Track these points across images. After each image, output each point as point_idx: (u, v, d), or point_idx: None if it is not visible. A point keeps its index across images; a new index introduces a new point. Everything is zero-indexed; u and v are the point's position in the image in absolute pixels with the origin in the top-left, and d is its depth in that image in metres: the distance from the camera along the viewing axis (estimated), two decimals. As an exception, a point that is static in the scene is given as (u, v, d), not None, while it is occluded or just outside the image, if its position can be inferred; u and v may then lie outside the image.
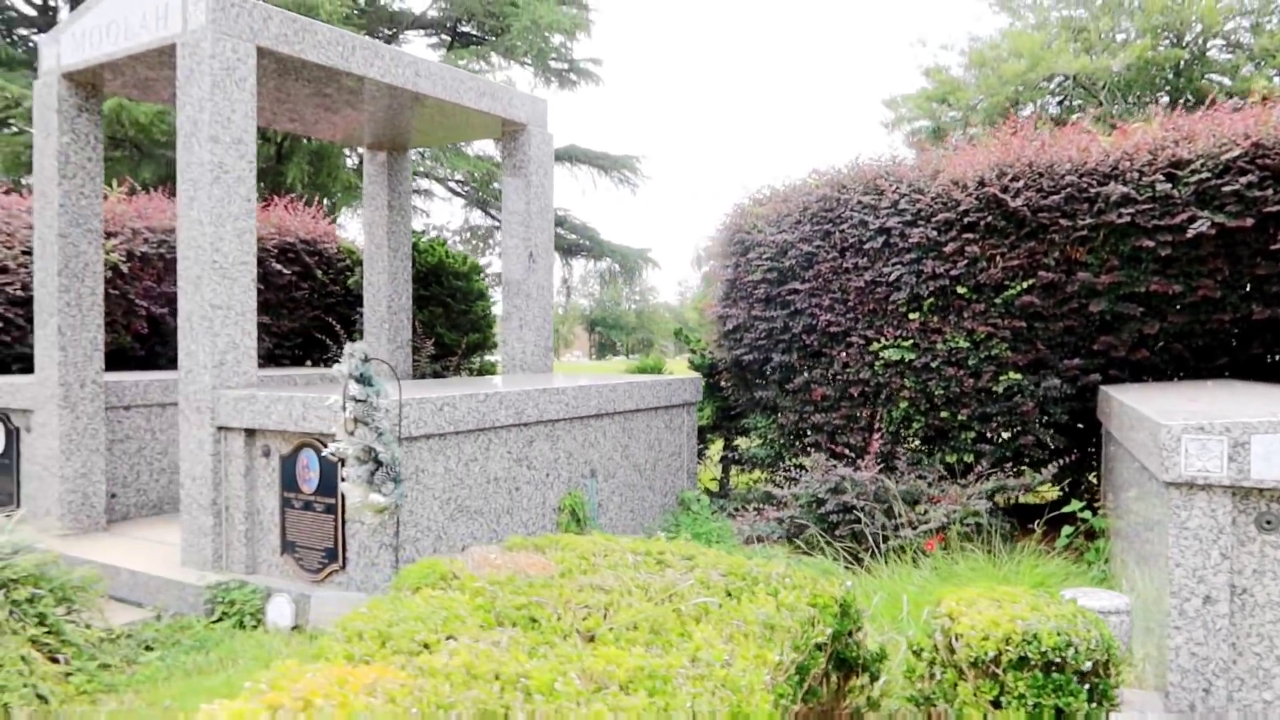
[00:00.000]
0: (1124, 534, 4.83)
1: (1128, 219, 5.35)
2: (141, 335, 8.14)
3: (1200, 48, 22.25)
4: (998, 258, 5.78)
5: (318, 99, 6.56)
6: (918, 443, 6.26)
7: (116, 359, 7.95)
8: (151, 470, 6.81)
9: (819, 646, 3.17)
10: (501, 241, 7.68)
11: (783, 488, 6.10)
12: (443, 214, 46.25)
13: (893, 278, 6.01)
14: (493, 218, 23.27)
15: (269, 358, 9.15)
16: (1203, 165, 5.23)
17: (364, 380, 4.26)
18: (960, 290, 5.90)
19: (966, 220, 5.83)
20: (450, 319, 8.79)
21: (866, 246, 6.14)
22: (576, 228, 22.80)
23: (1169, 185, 5.29)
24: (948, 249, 5.86)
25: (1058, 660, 2.75)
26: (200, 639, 4.63)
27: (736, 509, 6.97)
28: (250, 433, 5.18)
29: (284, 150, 15.72)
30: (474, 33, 20.85)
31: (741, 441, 8.08)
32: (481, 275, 8.94)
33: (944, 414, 6.12)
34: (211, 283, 5.19)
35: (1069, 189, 5.51)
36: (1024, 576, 4.88)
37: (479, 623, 3.19)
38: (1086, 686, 2.75)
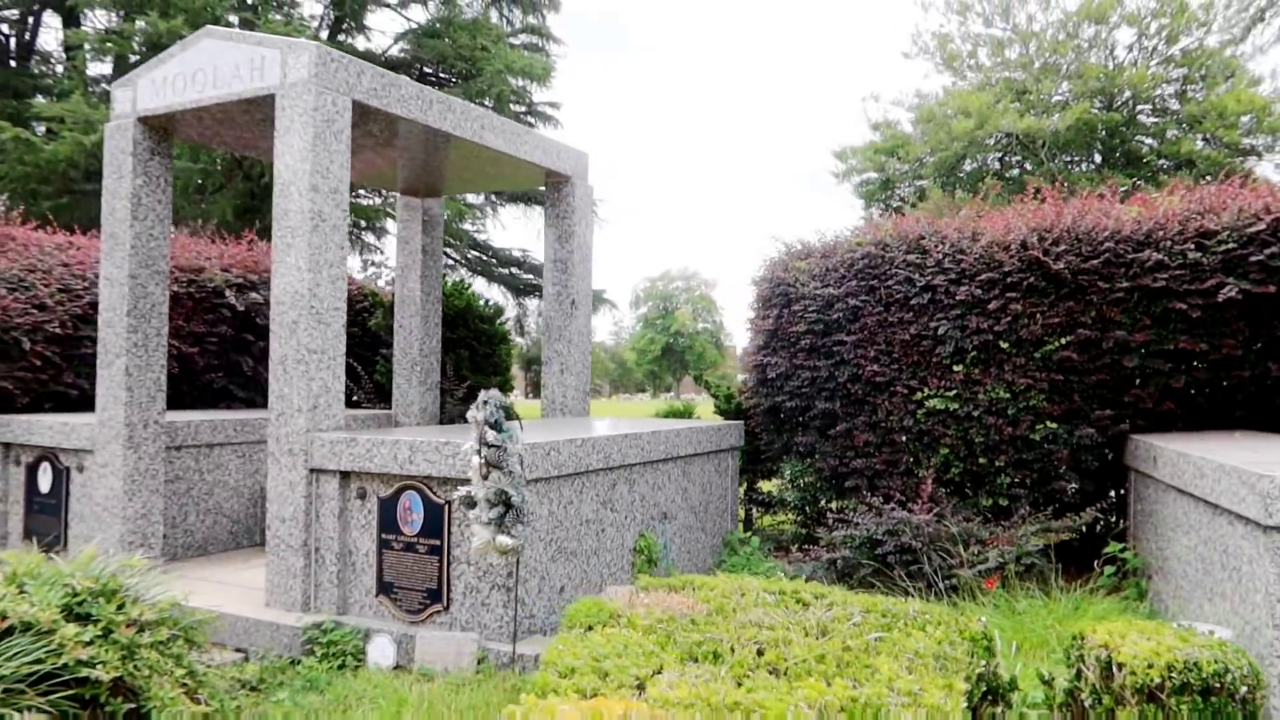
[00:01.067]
0: (1173, 572, 5.25)
1: (1162, 283, 5.85)
2: (171, 375, 8.09)
3: (1131, 112, 23.67)
4: (1038, 315, 6.24)
5: (383, 147, 6.73)
6: (954, 487, 6.64)
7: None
8: (198, 511, 6.79)
9: (980, 676, 3.46)
10: (543, 288, 7.90)
11: (833, 529, 6.40)
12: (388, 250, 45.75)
13: (940, 332, 6.42)
14: (447, 256, 23.21)
15: None
16: (1229, 236, 5.77)
17: (497, 426, 4.44)
18: (1003, 345, 6.33)
19: (1009, 280, 6.28)
20: (475, 362, 8.94)
21: (913, 302, 6.55)
22: (534, 268, 22.94)
23: (1199, 254, 5.82)
24: (991, 306, 6.30)
25: (1216, 685, 3.09)
26: (308, 679, 4.70)
27: (772, 549, 7.25)
28: (345, 475, 5.28)
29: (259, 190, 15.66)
30: (436, 75, 21.04)
31: (763, 484, 8.38)
32: (504, 320, 9.11)
33: (982, 460, 6.52)
34: (308, 327, 5.30)
35: (1107, 254, 6.00)
36: (1084, 613, 5.26)
37: (674, 657, 3.40)
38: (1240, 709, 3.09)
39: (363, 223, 19.20)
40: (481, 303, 9.00)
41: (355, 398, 9.15)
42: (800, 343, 7.00)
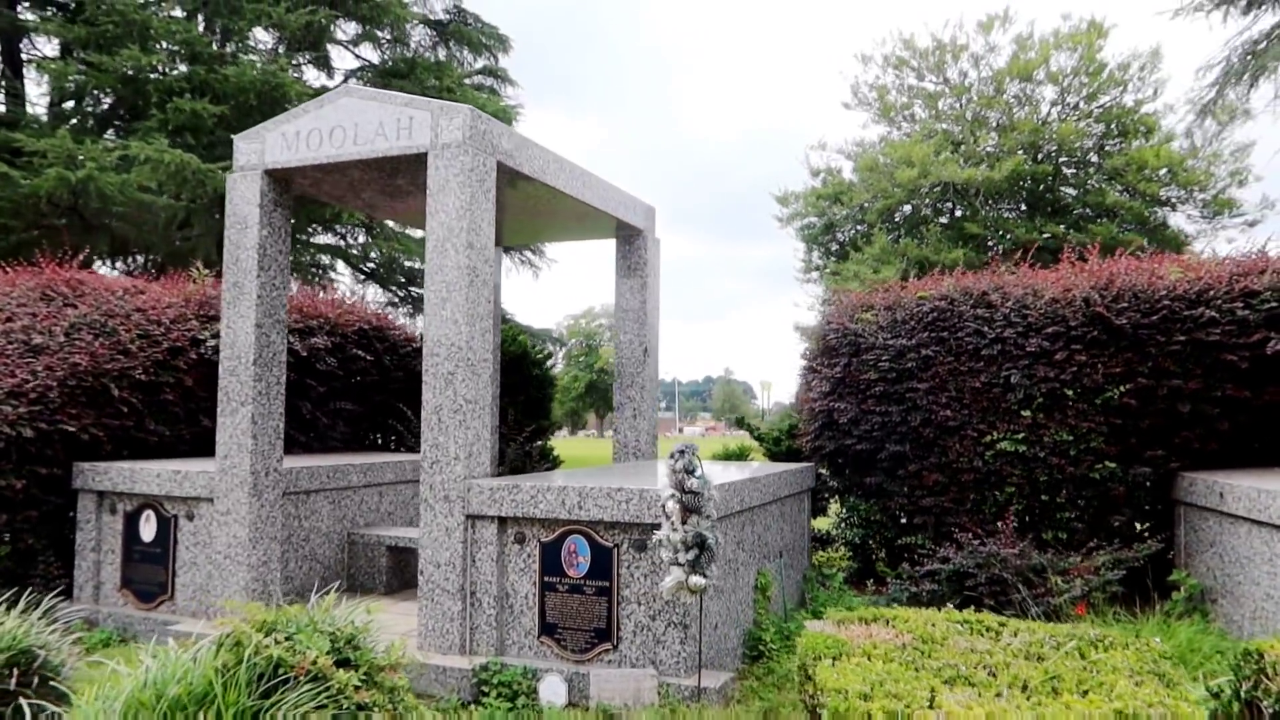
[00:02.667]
0: (1248, 595, 5.88)
1: (1215, 337, 6.57)
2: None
3: (1057, 164, 25.31)
4: (1099, 365, 6.89)
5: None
6: (1017, 523, 7.21)
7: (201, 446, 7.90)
8: (297, 557, 6.85)
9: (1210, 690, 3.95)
10: (615, 337, 8.22)
11: (916, 564, 6.88)
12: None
13: (1011, 380, 7.01)
14: (392, 292, 22.69)
15: (353, 440, 9.23)
16: (1271, 296, 6.54)
17: (693, 472, 4.77)
18: (1067, 392, 6.96)
19: (1073, 333, 6.93)
20: (528, 407, 9.17)
21: (984, 352, 7.13)
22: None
23: (1246, 311, 6.56)
24: (1058, 357, 6.93)
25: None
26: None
27: (843, 584, 7.68)
28: (502, 520, 5.50)
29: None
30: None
31: (816, 522, 8.84)
32: (551, 365, 9.38)
33: (1044, 497, 7.12)
34: (465, 378, 5.54)
35: (1164, 310, 6.70)
36: (1175, 634, 5.84)
37: (929, 682, 3.78)
38: None
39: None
40: (535, 350, 9.25)
41: (409, 443, 9.27)
42: (873, 389, 7.50)
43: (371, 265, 19.41)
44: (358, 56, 20.98)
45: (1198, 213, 24.78)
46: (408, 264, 19.82)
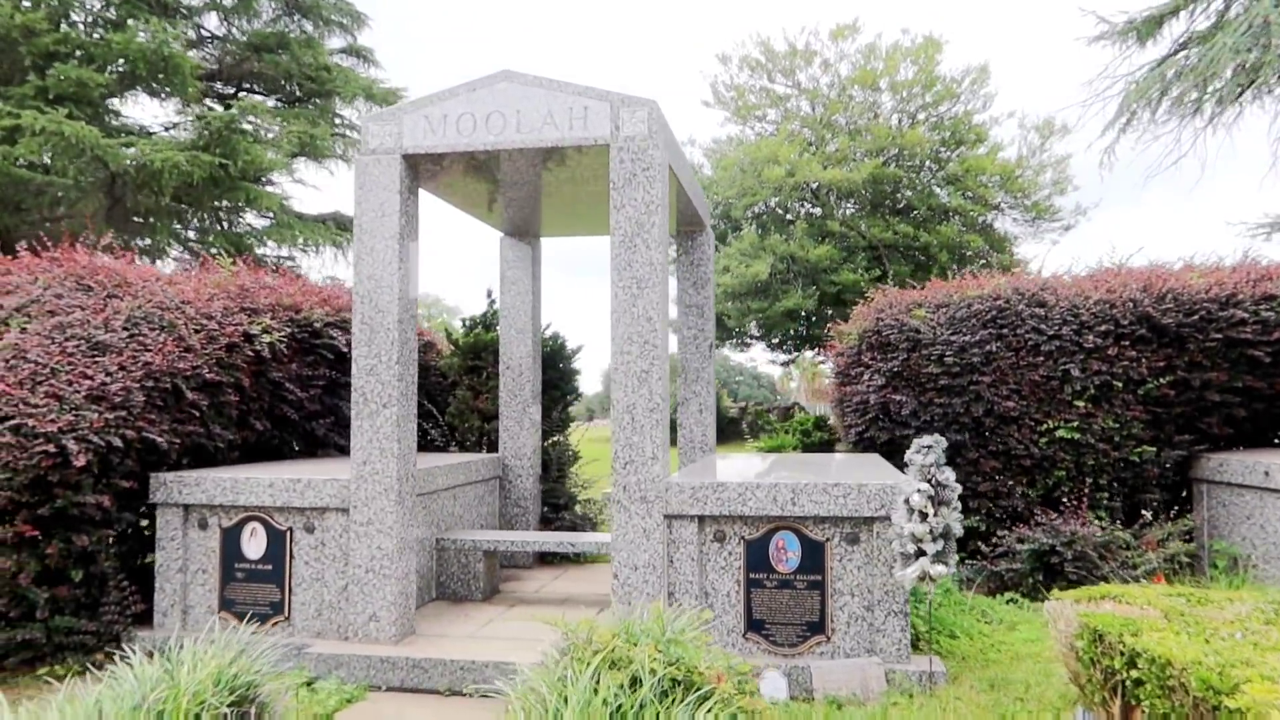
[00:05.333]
0: (1268, 558, 6.77)
1: (1246, 335, 7.48)
2: (288, 421, 7.45)
3: (905, 168, 27.17)
4: (1144, 360, 7.65)
5: (578, 196, 6.88)
6: (1059, 504, 7.89)
7: (251, 451, 7.26)
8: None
9: None
10: (679, 332, 8.21)
11: (994, 544, 7.39)
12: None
13: (1073, 373, 7.64)
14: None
15: None
16: (1289, 299, 7.52)
17: (940, 465, 4.95)
18: (1116, 384, 7.68)
19: (1121, 330, 7.65)
20: (561, 401, 8.98)
21: (1043, 348, 7.73)
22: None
23: (1270, 312, 7.50)
24: (1110, 352, 7.64)
25: None
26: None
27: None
28: (701, 519, 5.46)
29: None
30: (285, 92, 19.74)
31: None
32: (575, 360, 9.22)
33: (1089, 479, 7.82)
34: (660, 375, 5.45)
35: (1202, 311, 7.54)
36: (1251, 595, 6.63)
37: (1254, 647, 4.17)
38: None
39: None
40: (563, 346, 9.07)
41: (438, 443, 8.84)
42: (935, 382, 7.94)
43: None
44: (201, 29, 19.24)
45: (1022, 216, 27.40)
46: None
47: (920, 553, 4.96)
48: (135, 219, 15.01)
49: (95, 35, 14.10)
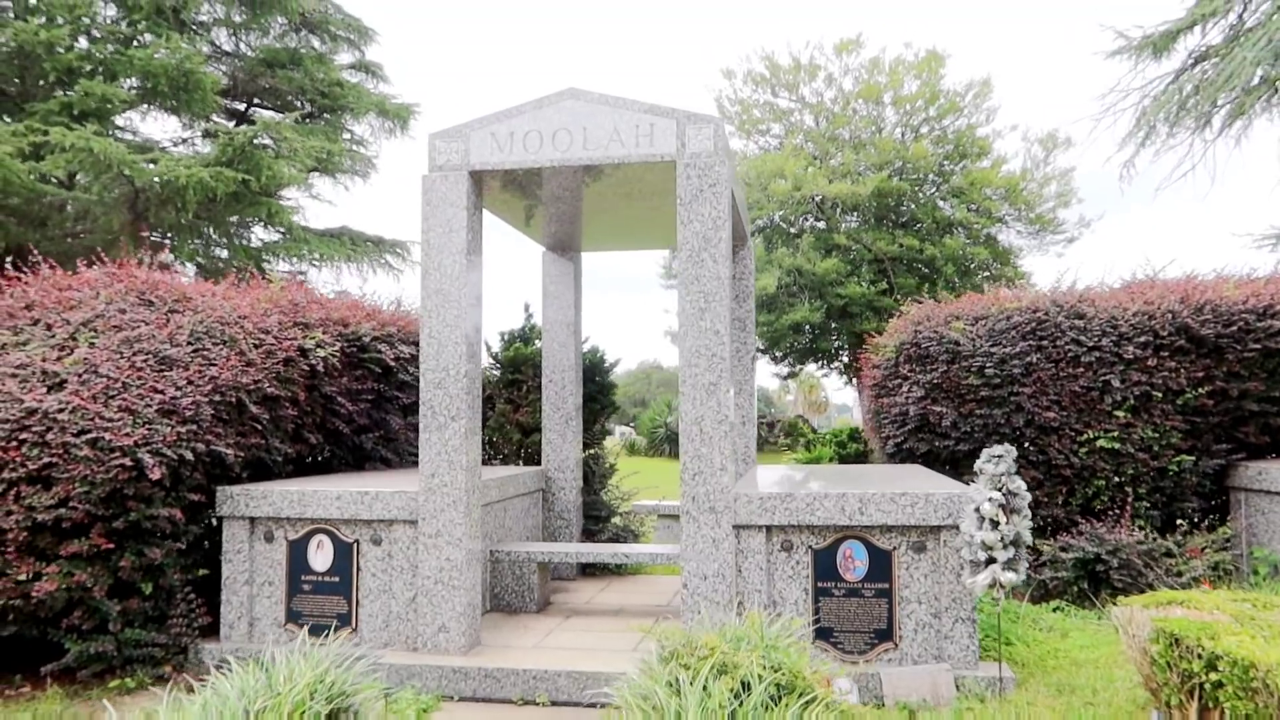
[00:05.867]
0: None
1: (1283, 345, 7.62)
2: (339, 434, 7.52)
3: (910, 182, 27.38)
4: (1182, 370, 7.77)
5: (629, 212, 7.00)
6: (1098, 513, 7.99)
7: (303, 464, 7.33)
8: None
9: None
10: (722, 344, 8.30)
11: (1037, 554, 7.48)
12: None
13: (1114, 384, 7.76)
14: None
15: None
16: (1323, 310, 7.66)
17: (1012, 474, 5.05)
18: (1155, 394, 7.80)
19: (1160, 341, 7.78)
20: (600, 414, 9.07)
21: (1083, 359, 7.85)
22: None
23: (1307, 323, 7.64)
24: (1150, 363, 7.76)
25: None
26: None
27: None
28: (769, 529, 5.54)
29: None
30: (313, 110, 19.79)
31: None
32: (611, 373, 9.31)
33: (1127, 489, 7.93)
34: (728, 388, 5.54)
35: (1240, 322, 7.68)
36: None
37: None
38: None
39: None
40: (600, 358, 9.16)
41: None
42: (976, 393, 8.05)
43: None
44: (213, 44, 19.33)
45: (1025, 229, 27.63)
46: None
47: (990, 560, 5.05)
48: (155, 235, 15.07)
49: (110, 50, 14.15)
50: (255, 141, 13.69)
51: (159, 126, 53.23)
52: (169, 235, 15.56)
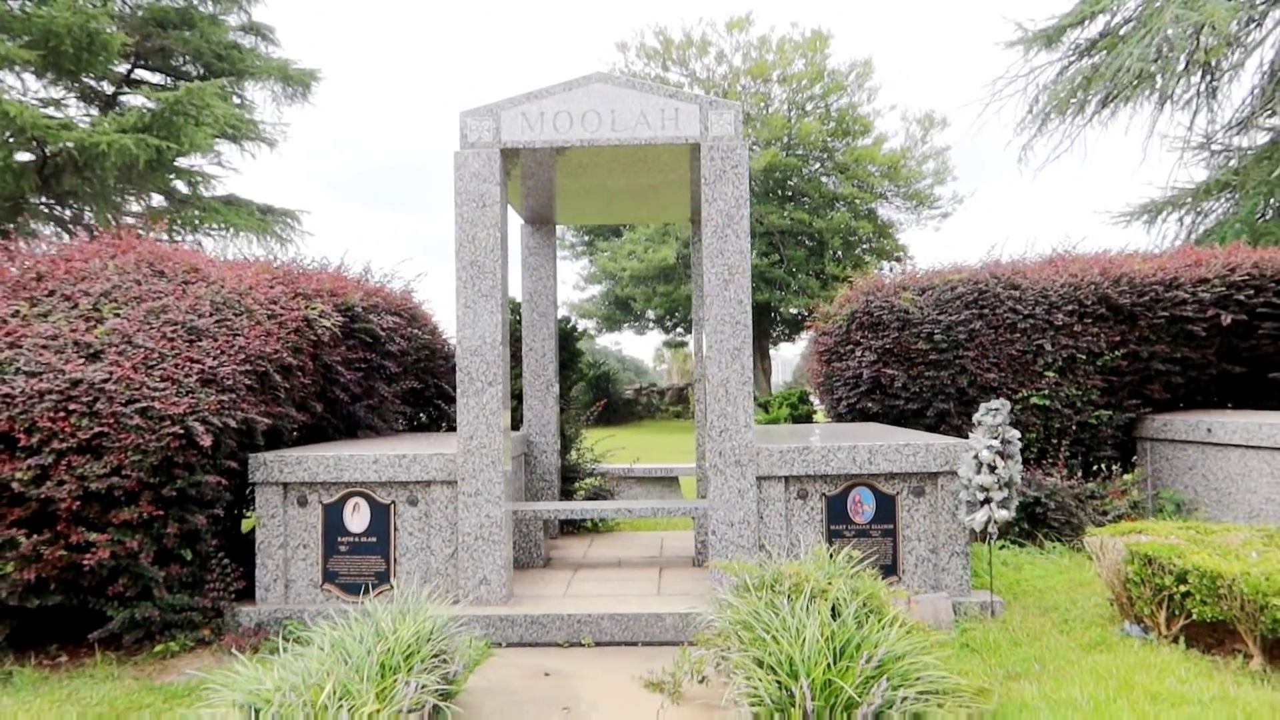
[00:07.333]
0: (1232, 503, 8.03)
1: (1187, 313, 8.72)
2: (337, 402, 7.67)
3: (799, 158, 28.51)
4: (1103, 335, 8.80)
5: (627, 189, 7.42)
6: (1027, 462, 8.98)
7: (308, 432, 7.47)
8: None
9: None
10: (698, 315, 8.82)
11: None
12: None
13: (1046, 347, 8.72)
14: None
15: (413, 421, 8.93)
16: (1220, 282, 8.80)
17: (1006, 424, 5.78)
18: (1080, 357, 8.81)
19: (1085, 310, 8.78)
20: (572, 380, 9.46)
21: (1020, 326, 8.77)
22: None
23: (1205, 294, 8.77)
24: (1075, 329, 8.75)
25: None
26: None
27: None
28: (788, 480, 6.14)
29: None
30: (208, 74, 19.07)
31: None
32: (580, 342, 9.70)
33: (1053, 440, 8.94)
34: (749, 352, 6.09)
35: (1152, 293, 8.75)
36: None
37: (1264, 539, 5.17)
38: None
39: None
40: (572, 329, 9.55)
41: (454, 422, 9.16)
42: (925, 357, 8.88)
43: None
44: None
45: (904, 204, 29.27)
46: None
47: (987, 500, 5.80)
48: (60, 202, 14.42)
49: (13, 6, 13.43)
50: (178, 108, 13.27)
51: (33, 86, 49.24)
52: (71, 203, 14.90)
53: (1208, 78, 15.37)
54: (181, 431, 5.57)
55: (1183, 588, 5.18)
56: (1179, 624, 5.31)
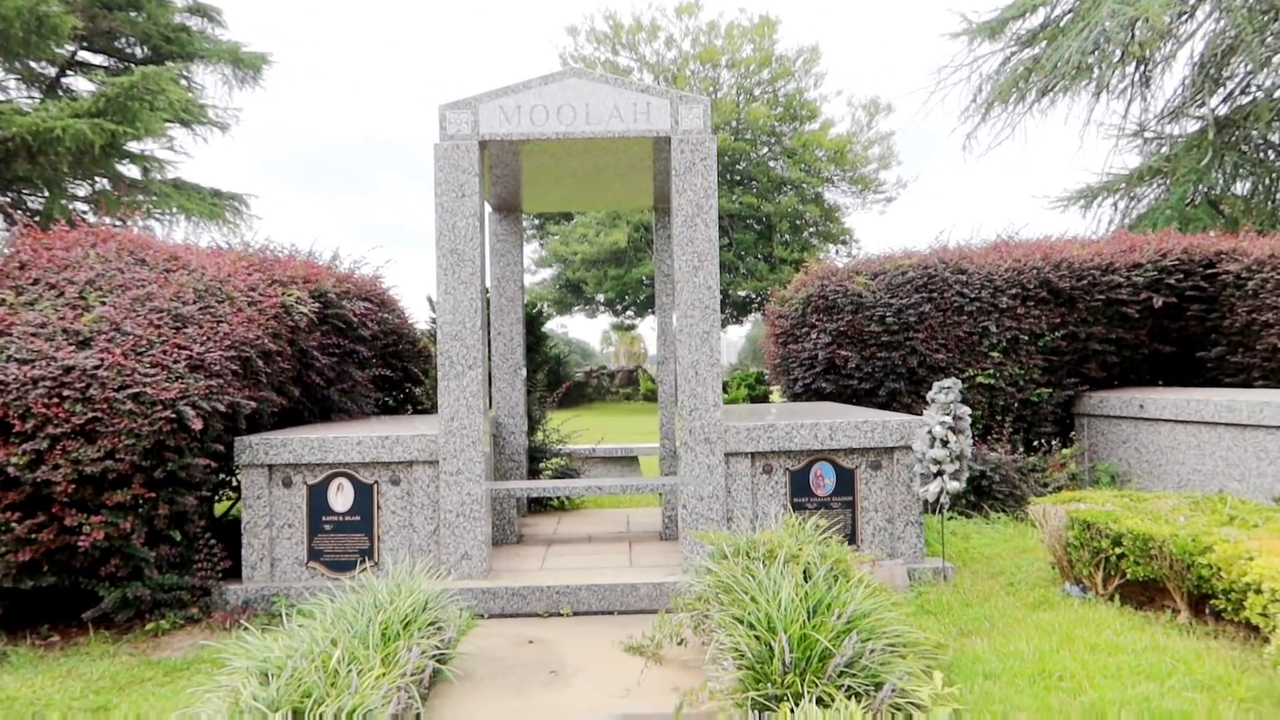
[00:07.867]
0: (1163, 474, 8.60)
1: (1121, 296, 9.27)
2: (312, 386, 7.85)
3: (749, 142, 28.91)
4: (1044, 317, 9.32)
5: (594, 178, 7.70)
6: (980, 436, 9.49)
7: (284, 416, 7.65)
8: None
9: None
10: (659, 299, 9.12)
11: (932, 474, 8.85)
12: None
13: (991, 329, 9.20)
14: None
15: (384, 404, 9.10)
16: (1152, 267, 9.36)
17: (958, 402, 6.20)
18: (1023, 337, 9.31)
19: (1027, 293, 9.28)
20: (539, 363, 9.72)
21: (967, 309, 9.24)
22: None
23: (1138, 278, 9.32)
24: (1019, 311, 9.25)
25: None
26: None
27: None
28: (754, 456, 6.50)
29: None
30: (155, 57, 18.77)
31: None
32: (544, 326, 9.97)
33: (998, 417, 9.45)
34: (716, 335, 6.42)
35: (1089, 277, 9.27)
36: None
37: (1190, 505, 5.66)
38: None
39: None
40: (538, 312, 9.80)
41: (424, 406, 9.37)
42: (878, 339, 9.31)
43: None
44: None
45: (850, 188, 29.86)
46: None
47: (939, 473, 6.22)
48: (3, 188, 14.21)
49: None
50: (134, 92, 13.17)
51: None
52: (22, 188, 14.68)
53: (1142, 68, 16.06)
54: (173, 416, 5.74)
55: (1118, 550, 5.65)
56: (1115, 583, 5.79)
